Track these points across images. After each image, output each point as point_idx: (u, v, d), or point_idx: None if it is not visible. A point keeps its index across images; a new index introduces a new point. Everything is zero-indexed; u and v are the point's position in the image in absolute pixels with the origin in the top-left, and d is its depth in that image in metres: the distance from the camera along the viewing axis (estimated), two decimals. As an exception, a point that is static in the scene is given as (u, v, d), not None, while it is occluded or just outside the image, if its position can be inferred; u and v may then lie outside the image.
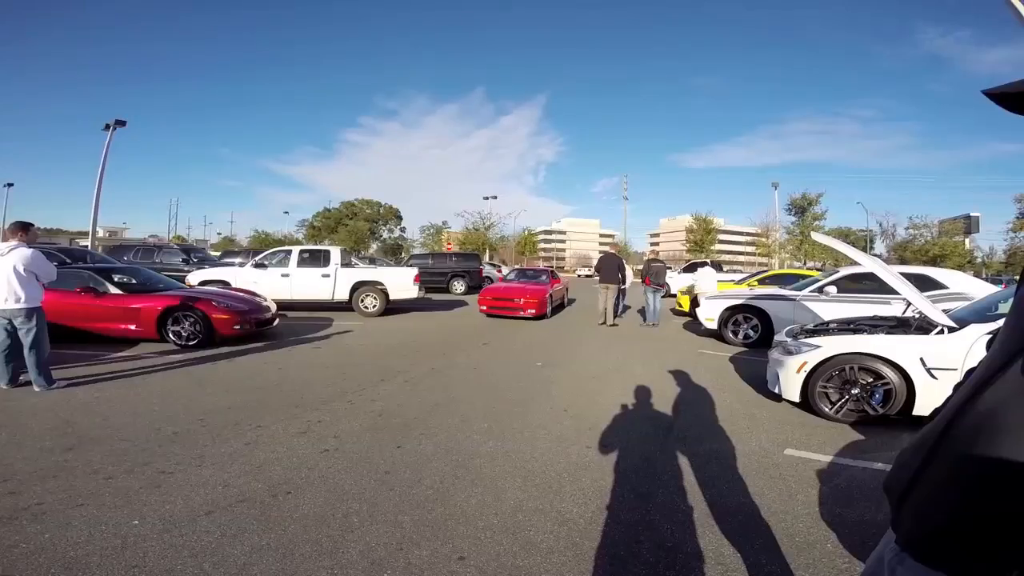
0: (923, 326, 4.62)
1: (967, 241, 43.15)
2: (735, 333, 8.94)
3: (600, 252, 13.75)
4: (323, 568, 2.22)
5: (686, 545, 2.49)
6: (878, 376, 4.38)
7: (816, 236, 6.00)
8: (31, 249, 4.93)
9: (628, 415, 4.64)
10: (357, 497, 2.89)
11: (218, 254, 23.19)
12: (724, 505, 2.90)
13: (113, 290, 7.39)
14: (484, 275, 21.19)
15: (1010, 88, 0.75)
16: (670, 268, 19.12)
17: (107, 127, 24.11)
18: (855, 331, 4.92)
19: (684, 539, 2.54)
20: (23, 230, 4.97)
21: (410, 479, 3.15)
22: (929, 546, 0.77)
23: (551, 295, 12.40)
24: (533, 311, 11.24)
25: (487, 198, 51.02)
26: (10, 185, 45.11)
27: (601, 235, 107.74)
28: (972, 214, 45.66)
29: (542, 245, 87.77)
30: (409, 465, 3.36)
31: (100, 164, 23.99)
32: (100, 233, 33.53)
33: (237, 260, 16.24)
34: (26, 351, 4.83)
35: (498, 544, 2.46)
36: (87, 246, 21.54)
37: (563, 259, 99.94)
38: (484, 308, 11.82)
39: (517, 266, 27.76)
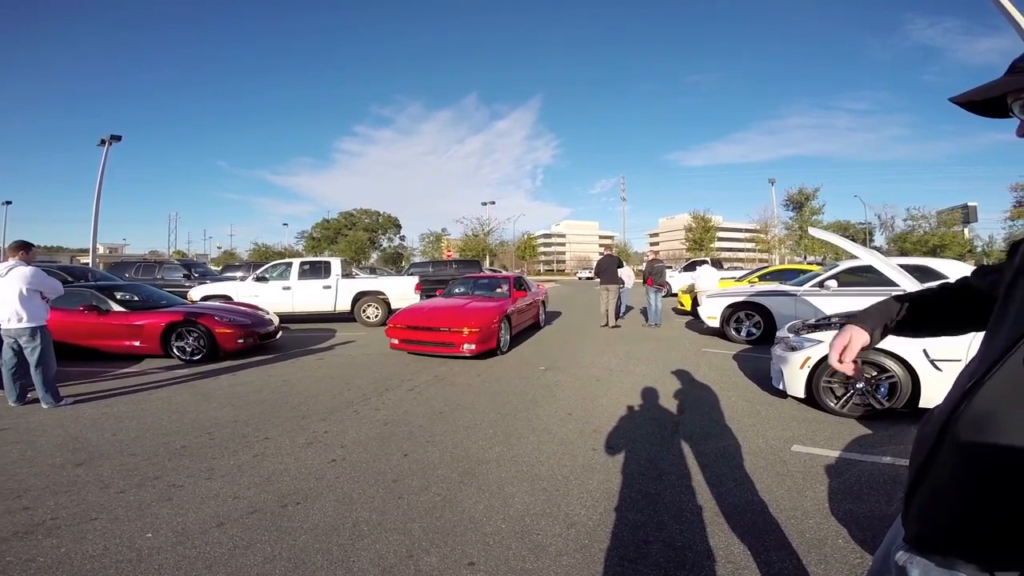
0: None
1: (966, 231, 43.01)
2: (738, 331, 8.95)
3: (600, 254, 13.10)
4: (335, 577, 2.24)
5: (696, 545, 2.50)
6: (882, 369, 4.39)
7: (813, 231, 6.02)
8: (30, 267, 4.96)
9: (633, 416, 4.64)
10: (366, 506, 2.91)
11: (219, 268, 23.27)
12: (733, 503, 2.91)
13: (116, 307, 7.43)
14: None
15: (975, 95, 0.78)
16: (670, 267, 19.10)
17: (103, 142, 23.84)
18: (857, 325, 4.92)
19: (694, 539, 2.55)
20: (24, 250, 5.01)
21: (418, 486, 3.16)
22: (936, 542, 0.78)
23: (509, 317, 8.22)
24: (472, 347, 7.08)
25: (485, 204, 51.22)
26: (8, 203, 45.17)
27: (600, 236, 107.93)
28: (969, 203, 45.56)
29: (542, 249, 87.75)
30: (416, 473, 3.38)
31: (97, 180, 23.90)
32: (100, 250, 33.61)
33: (238, 274, 16.28)
34: (33, 369, 4.87)
35: (507, 548, 2.47)
36: (88, 263, 21.62)
37: (563, 262, 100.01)
38: (395, 343, 7.71)
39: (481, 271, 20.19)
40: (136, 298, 8.12)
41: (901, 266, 5.21)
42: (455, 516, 2.79)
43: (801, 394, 4.67)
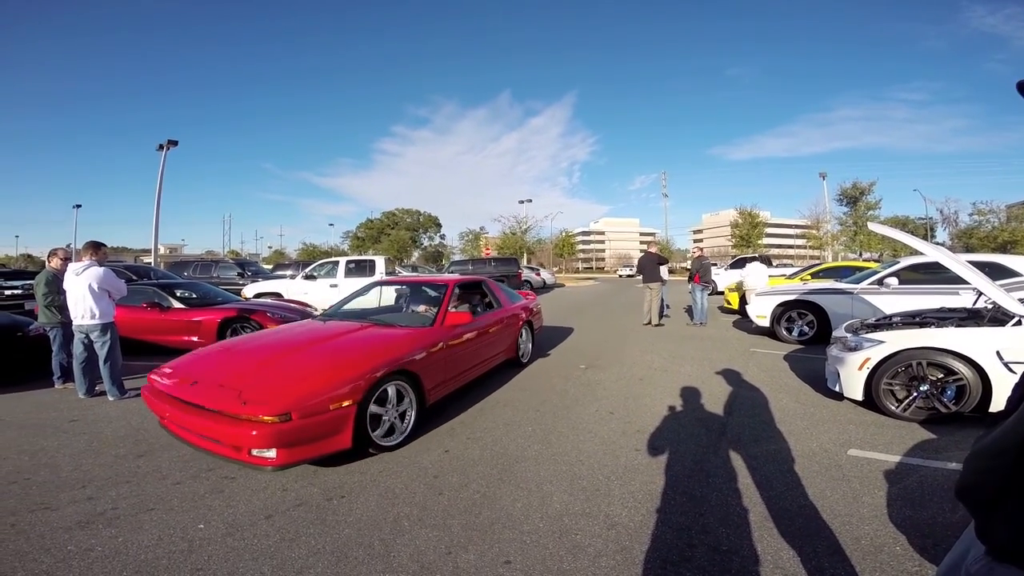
0: (997, 317, 4.30)
1: (1039, 226, 39.89)
2: (789, 330, 8.58)
3: (641, 251, 12.80)
4: (375, 571, 2.27)
5: (742, 549, 2.40)
6: (949, 372, 4.11)
7: (873, 226, 5.67)
8: (103, 268, 5.28)
9: (677, 417, 4.52)
10: (407, 501, 2.94)
11: (270, 267, 24.21)
12: (783, 507, 2.79)
13: (176, 304, 7.84)
14: (523, 279, 21.55)
15: None
16: (715, 264, 18.56)
17: (161, 147, 24.88)
18: (921, 324, 4.63)
19: (740, 542, 2.45)
20: (95, 250, 5.32)
21: (458, 483, 3.18)
22: None
23: (413, 375, 3.94)
24: (272, 454, 2.93)
25: (522, 202, 50.93)
26: (78, 206, 48.12)
27: (641, 234, 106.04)
28: (1043, 196, 42.23)
29: (581, 247, 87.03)
30: (456, 469, 3.39)
31: (157, 183, 24.81)
32: (161, 250, 35.50)
33: (288, 272, 16.89)
34: (101, 363, 5.19)
35: (544, 548, 2.44)
36: (150, 263, 22.92)
37: (603, 259, 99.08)
38: (162, 420, 3.60)
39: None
40: (194, 295, 8.55)
41: (970, 263, 4.85)
42: (494, 514, 2.78)
43: (859, 396, 4.43)
